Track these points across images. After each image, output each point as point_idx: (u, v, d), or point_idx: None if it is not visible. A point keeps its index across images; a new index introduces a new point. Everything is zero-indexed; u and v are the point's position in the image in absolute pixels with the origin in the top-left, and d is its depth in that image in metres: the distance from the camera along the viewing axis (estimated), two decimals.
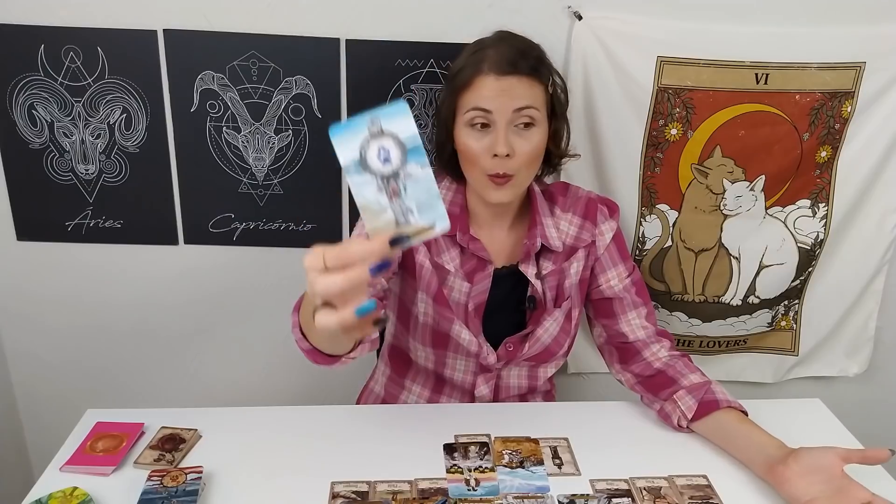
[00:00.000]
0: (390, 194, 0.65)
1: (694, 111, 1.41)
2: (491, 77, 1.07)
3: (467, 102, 1.10)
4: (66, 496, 0.96)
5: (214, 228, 1.55)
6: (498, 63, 1.07)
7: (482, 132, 1.09)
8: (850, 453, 0.97)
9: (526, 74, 1.08)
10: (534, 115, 1.09)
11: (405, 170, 0.64)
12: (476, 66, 1.09)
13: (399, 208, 0.65)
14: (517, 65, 1.07)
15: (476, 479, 1.03)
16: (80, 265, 1.58)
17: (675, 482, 1.03)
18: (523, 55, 1.09)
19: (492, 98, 1.07)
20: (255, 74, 1.42)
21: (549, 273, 1.22)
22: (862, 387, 1.74)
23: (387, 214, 0.65)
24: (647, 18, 1.37)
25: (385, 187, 0.65)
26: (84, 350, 1.67)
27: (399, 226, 0.65)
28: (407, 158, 0.64)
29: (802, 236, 1.54)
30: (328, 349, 0.94)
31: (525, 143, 1.09)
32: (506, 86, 1.07)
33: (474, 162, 1.11)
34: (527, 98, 1.08)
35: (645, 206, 1.50)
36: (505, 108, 1.07)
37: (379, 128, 0.64)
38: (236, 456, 1.07)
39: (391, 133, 0.64)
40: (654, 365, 1.20)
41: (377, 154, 0.65)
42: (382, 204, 0.65)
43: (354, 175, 0.65)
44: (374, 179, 0.65)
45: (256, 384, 1.72)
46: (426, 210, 0.65)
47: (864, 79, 1.40)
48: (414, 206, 0.65)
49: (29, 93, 1.43)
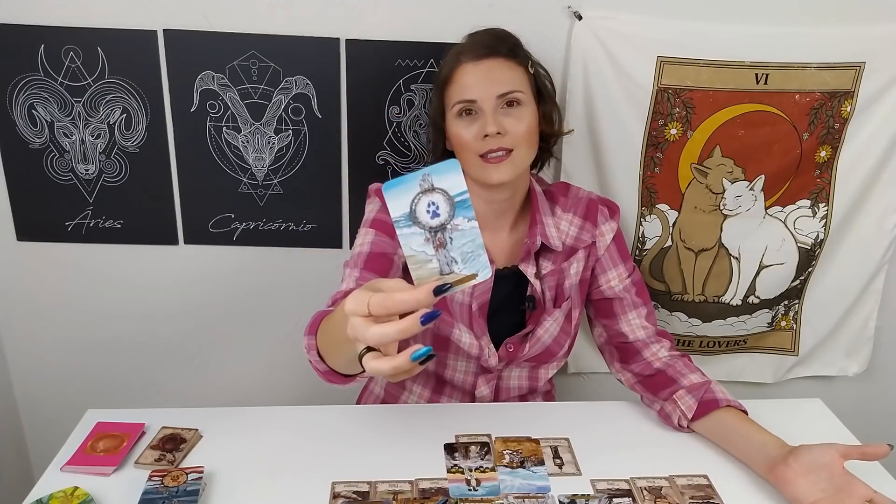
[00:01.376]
0: (436, 245, 0.69)
1: (694, 111, 1.41)
2: (469, 65, 1.10)
3: (452, 97, 1.13)
4: (67, 496, 0.96)
5: (214, 228, 1.55)
6: (473, 49, 1.11)
7: (471, 119, 1.12)
8: (850, 450, 0.97)
9: (503, 56, 1.11)
10: (518, 97, 1.12)
11: (452, 223, 0.68)
12: (454, 60, 1.13)
13: (444, 258, 0.69)
14: (493, 48, 1.11)
15: (477, 479, 1.03)
16: (80, 265, 1.58)
17: (675, 482, 1.03)
18: (499, 39, 1.13)
19: (473, 86, 1.10)
20: (255, 74, 1.42)
21: (548, 273, 1.22)
22: (862, 387, 1.74)
23: (432, 264, 0.68)
24: (647, 18, 1.37)
25: (432, 238, 0.69)
26: (84, 350, 1.67)
27: (443, 275, 0.69)
28: (455, 212, 0.68)
29: (802, 236, 1.54)
30: (346, 371, 0.94)
31: (515, 121, 1.11)
32: (484, 68, 1.10)
33: (467, 147, 1.12)
34: (508, 82, 1.11)
35: (645, 205, 1.51)
36: (488, 93, 1.10)
37: (430, 184, 0.67)
38: (237, 456, 1.07)
39: (441, 189, 0.68)
40: (653, 365, 1.20)
41: (426, 208, 0.68)
42: (428, 254, 0.68)
43: (404, 227, 0.68)
44: (422, 231, 0.68)
45: (257, 384, 1.72)
46: (470, 260, 0.68)
47: (864, 79, 1.40)
48: (458, 257, 0.68)
49: (29, 93, 1.43)
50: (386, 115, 1.45)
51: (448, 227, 0.68)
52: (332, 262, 1.57)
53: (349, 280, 1.10)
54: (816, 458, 0.96)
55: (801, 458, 0.97)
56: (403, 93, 1.44)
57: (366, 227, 1.18)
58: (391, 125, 1.46)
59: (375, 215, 1.19)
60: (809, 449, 0.98)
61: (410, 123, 1.46)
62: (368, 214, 1.21)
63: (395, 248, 1.16)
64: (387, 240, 1.15)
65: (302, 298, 1.61)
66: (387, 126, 1.46)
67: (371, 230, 1.16)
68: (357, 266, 1.12)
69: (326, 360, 0.94)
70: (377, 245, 1.14)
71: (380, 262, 1.13)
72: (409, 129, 1.47)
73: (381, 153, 1.49)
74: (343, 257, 1.56)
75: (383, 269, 1.13)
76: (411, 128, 1.47)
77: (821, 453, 0.97)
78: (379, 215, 1.18)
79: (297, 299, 1.62)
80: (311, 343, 0.95)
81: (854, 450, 0.97)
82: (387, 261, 1.14)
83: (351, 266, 1.13)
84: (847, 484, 0.94)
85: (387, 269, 1.13)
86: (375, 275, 1.11)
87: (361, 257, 1.13)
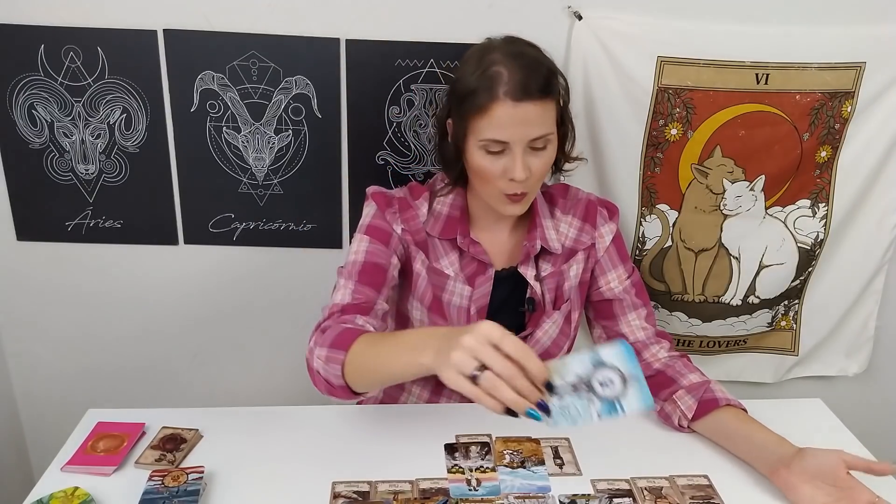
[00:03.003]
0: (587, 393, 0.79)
1: (694, 111, 1.41)
2: (507, 105, 1.03)
3: (481, 130, 1.06)
4: (68, 496, 0.96)
5: (214, 228, 1.55)
6: (513, 90, 1.03)
7: (497, 156, 1.07)
8: (856, 462, 0.96)
9: (539, 97, 1.05)
10: (548, 139, 1.09)
11: (624, 394, 0.79)
12: (490, 92, 1.04)
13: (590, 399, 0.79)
14: (531, 88, 1.03)
15: (477, 479, 1.03)
16: (80, 265, 1.58)
17: (676, 482, 1.03)
18: (535, 72, 1.05)
19: (509, 128, 1.05)
20: (255, 74, 1.42)
21: (547, 275, 1.22)
22: (862, 387, 1.74)
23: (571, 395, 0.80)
24: (647, 18, 1.37)
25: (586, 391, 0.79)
26: (84, 350, 1.67)
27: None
28: (626, 388, 0.78)
29: (802, 236, 1.54)
30: (363, 389, 0.99)
31: (539, 162, 1.09)
32: (521, 114, 1.04)
33: (489, 182, 1.10)
34: (542, 124, 1.06)
35: (645, 206, 1.51)
36: (521, 136, 1.05)
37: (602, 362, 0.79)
38: (237, 456, 1.07)
39: (615, 367, 0.78)
40: (653, 365, 1.20)
41: (600, 381, 0.78)
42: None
43: (565, 393, 0.78)
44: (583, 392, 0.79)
45: (257, 384, 1.72)
46: (621, 399, 0.79)
47: (864, 79, 1.40)
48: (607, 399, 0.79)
49: (29, 93, 1.43)
50: (386, 115, 1.45)
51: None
52: (332, 262, 1.56)
53: (344, 291, 1.10)
54: (820, 464, 0.96)
55: (805, 462, 0.97)
56: (403, 93, 1.44)
57: (361, 232, 1.18)
58: (391, 125, 1.46)
59: (371, 221, 1.18)
60: (813, 454, 0.97)
61: (410, 123, 1.46)
62: (364, 219, 1.20)
63: (389, 258, 1.15)
64: (381, 248, 1.15)
65: (302, 298, 1.61)
66: (387, 126, 1.46)
67: (366, 237, 1.16)
68: (351, 277, 1.12)
69: (349, 377, 0.96)
70: (372, 254, 1.14)
71: (374, 275, 1.13)
72: (409, 129, 1.47)
73: (381, 153, 1.49)
74: (343, 257, 1.56)
75: (377, 283, 1.12)
76: (411, 128, 1.47)
77: (825, 459, 0.96)
78: (374, 221, 1.18)
79: (297, 299, 1.62)
80: (339, 357, 0.96)
81: (860, 463, 0.96)
82: (381, 273, 1.14)
83: (345, 276, 1.13)
84: (850, 489, 0.94)
85: (381, 282, 1.13)
86: (370, 288, 1.11)
87: (356, 267, 1.13)
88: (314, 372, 1.02)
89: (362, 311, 1.08)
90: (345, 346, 0.96)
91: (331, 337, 0.99)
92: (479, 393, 0.75)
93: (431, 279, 1.19)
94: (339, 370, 0.96)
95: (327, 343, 0.99)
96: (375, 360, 0.94)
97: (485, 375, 0.75)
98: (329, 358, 0.97)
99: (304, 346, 1.68)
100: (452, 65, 1.39)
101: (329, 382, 0.99)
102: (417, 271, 1.19)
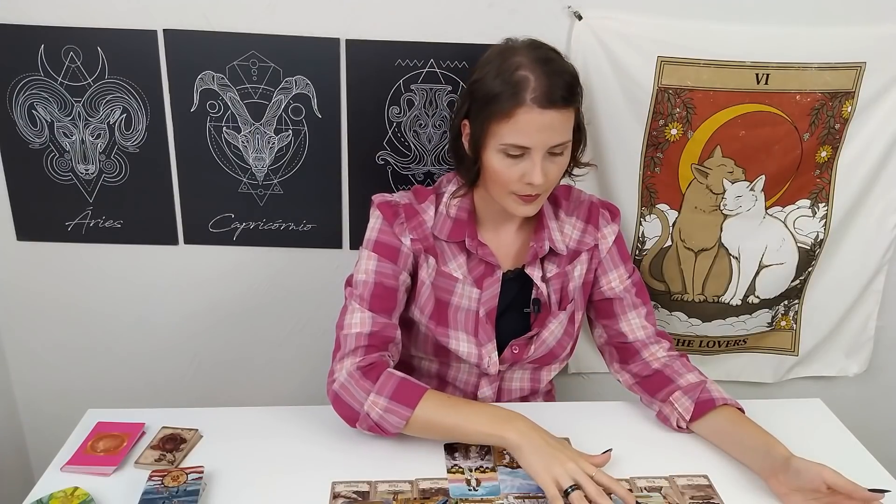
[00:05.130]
0: None
1: (694, 111, 1.41)
2: (534, 111, 1.03)
3: (504, 134, 1.06)
4: (67, 496, 0.96)
5: (214, 228, 1.55)
6: (540, 97, 1.03)
7: (516, 160, 1.07)
8: (838, 481, 0.94)
9: (563, 105, 1.05)
10: (566, 145, 1.10)
11: None
12: (515, 97, 1.03)
13: None
14: (557, 96, 1.03)
15: (477, 478, 1.03)
16: (80, 265, 1.58)
17: (675, 482, 1.04)
18: (561, 79, 1.05)
19: (532, 134, 1.05)
20: (255, 74, 1.42)
21: (553, 276, 1.22)
22: (862, 387, 1.74)
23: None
24: (647, 18, 1.37)
25: None
26: (84, 350, 1.67)
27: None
28: None
29: (802, 236, 1.54)
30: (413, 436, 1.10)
31: (555, 167, 1.10)
32: (546, 121, 1.04)
33: (504, 184, 1.10)
34: (563, 133, 1.08)
35: (645, 205, 1.51)
36: (543, 143, 1.06)
37: None
38: (237, 456, 1.07)
39: None
40: (652, 365, 1.21)
41: None
42: None
43: None
44: None
45: (257, 384, 1.72)
46: None
47: (865, 79, 1.40)
48: None
49: (29, 93, 1.43)
50: (386, 115, 1.45)
51: None
52: (332, 262, 1.57)
53: (362, 316, 1.13)
54: (803, 481, 0.96)
55: (789, 475, 0.98)
56: (403, 93, 1.43)
57: (368, 248, 1.17)
58: (391, 125, 1.46)
59: (378, 236, 1.18)
60: (797, 469, 0.97)
61: (410, 123, 1.46)
62: (370, 233, 1.19)
63: (398, 276, 1.16)
64: (390, 267, 1.16)
65: (302, 298, 1.61)
66: (387, 126, 1.46)
67: (374, 255, 1.16)
68: (364, 301, 1.13)
69: (410, 428, 1.06)
70: (381, 275, 1.15)
71: (386, 299, 1.15)
72: (409, 129, 1.47)
73: (381, 153, 1.49)
74: (343, 257, 1.56)
75: (390, 308, 1.15)
76: (411, 128, 1.47)
77: (807, 475, 0.96)
78: (381, 237, 1.17)
79: (297, 299, 1.62)
80: (404, 413, 1.04)
81: (843, 483, 0.94)
82: (391, 297, 1.15)
83: (357, 299, 1.14)
84: (840, 501, 0.95)
85: (392, 307, 1.16)
86: (385, 315, 1.14)
87: (367, 289, 1.14)
88: (346, 405, 1.07)
89: (385, 340, 1.13)
90: (411, 402, 1.05)
91: (390, 388, 1.06)
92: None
93: (438, 285, 1.19)
94: (401, 424, 1.05)
95: (387, 394, 1.05)
96: (452, 422, 1.06)
97: (575, 494, 0.94)
98: (390, 409, 1.04)
99: (303, 346, 1.69)
100: (457, 65, 1.40)
101: (381, 427, 1.05)
102: (422, 280, 1.19)
